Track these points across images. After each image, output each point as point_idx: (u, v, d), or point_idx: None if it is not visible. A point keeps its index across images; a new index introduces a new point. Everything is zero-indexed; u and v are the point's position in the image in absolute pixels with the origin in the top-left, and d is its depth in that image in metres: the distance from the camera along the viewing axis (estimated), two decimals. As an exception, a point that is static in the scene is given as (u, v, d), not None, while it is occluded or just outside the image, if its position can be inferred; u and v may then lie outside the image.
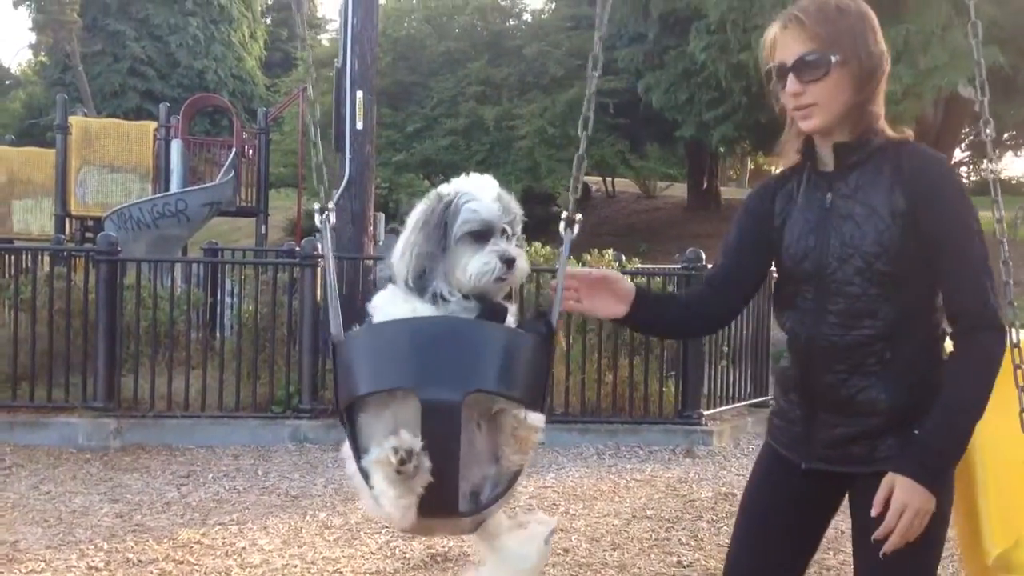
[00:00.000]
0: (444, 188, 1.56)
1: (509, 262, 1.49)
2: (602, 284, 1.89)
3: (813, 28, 1.76)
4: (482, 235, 1.49)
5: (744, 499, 2.01)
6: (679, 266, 6.97)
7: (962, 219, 1.73)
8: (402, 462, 1.35)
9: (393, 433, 1.38)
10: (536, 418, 1.50)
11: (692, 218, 21.39)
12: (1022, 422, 1.91)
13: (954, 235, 1.72)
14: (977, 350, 1.71)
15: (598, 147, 18.84)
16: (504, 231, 1.52)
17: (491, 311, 1.52)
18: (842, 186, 1.80)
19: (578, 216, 1.80)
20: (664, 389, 6.63)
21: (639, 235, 19.66)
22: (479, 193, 1.51)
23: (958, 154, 23.94)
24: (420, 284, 1.50)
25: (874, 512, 1.69)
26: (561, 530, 4.49)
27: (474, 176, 1.59)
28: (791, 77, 1.78)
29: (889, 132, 1.82)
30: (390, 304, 1.50)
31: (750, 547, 1.95)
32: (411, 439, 1.37)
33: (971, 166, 30.23)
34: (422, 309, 1.47)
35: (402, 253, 1.52)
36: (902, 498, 1.67)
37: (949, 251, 1.72)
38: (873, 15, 1.82)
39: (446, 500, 1.42)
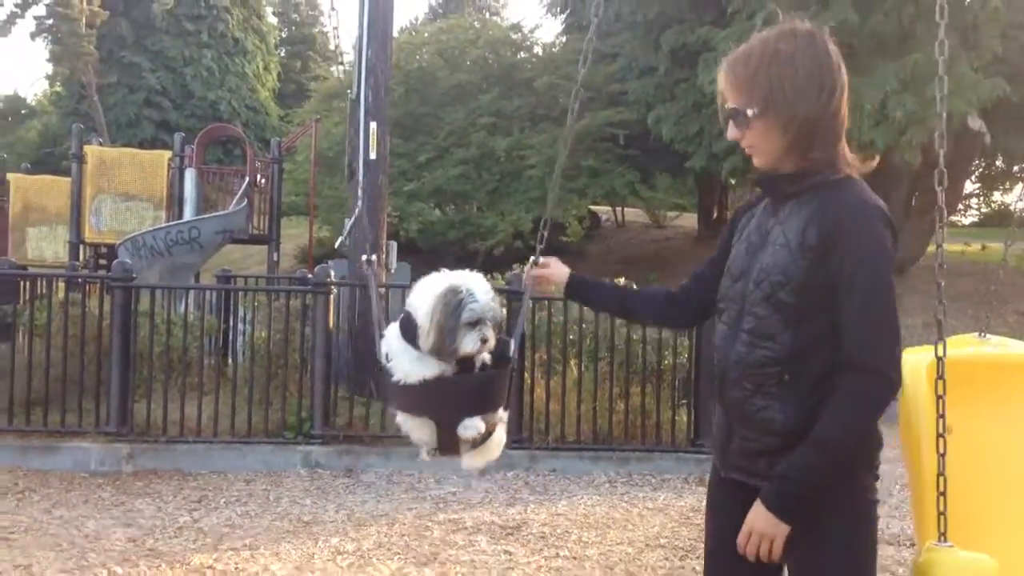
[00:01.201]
0: (456, 281, 2.16)
1: (485, 341, 2.14)
2: (544, 276, 2.36)
3: (735, 80, 1.89)
4: (476, 323, 2.12)
5: (706, 502, 2.13)
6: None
7: (865, 262, 1.76)
8: (432, 455, 2.24)
9: (423, 432, 2.23)
10: (499, 417, 2.21)
11: (702, 248, 21.40)
12: (938, 429, 2.03)
13: (853, 276, 1.76)
14: (846, 391, 1.75)
15: (608, 177, 18.91)
16: (489, 322, 2.15)
17: (465, 367, 2.19)
18: (781, 213, 1.90)
19: (539, 259, 2.37)
20: (676, 418, 6.62)
21: (649, 264, 19.67)
22: (479, 294, 2.14)
23: (968, 186, 23.94)
24: (436, 348, 2.14)
25: (742, 531, 1.83)
26: (574, 558, 4.47)
27: (473, 275, 2.19)
28: (729, 124, 1.92)
29: (845, 170, 1.87)
30: (415, 364, 2.18)
31: (713, 553, 2.05)
32: (434, 442, 2.22)
33: (981, 198, 30.21)
34: (431, 367, 2.16)
35: (429, 320, 2.14)
36: (751, 521, 1.81)
37: (846, 291, 1.76)
38: (810, 51, 1.85)
39: (453, 452, 2.23)
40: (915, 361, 2.56)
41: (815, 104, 1.84)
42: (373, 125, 8.08)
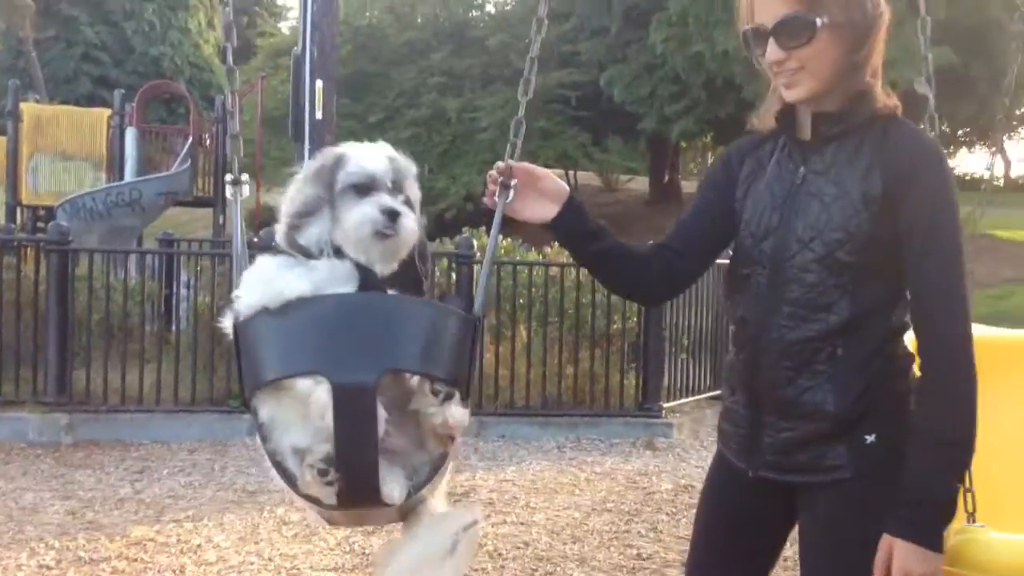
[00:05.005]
0: (335, 148, 1.56)
1: (391, 214, 1.42)
2: (529, 182, 1.71)
3: None
4: (366, 188, 1.44)
5: (698, 510, 1.85)
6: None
7: (943, 213, 1.55)
8: (323, 473, 1.35)
9: (303, 428, 1.37)
10: (459, 415, 1.43)
11: (653, 211, 21.52)
12: None
13: (932, 229, 1.54)
14: (950, 375, 1.52)
15: (560, 139, 18.86)
16: (393, 188, 1.46)
17: (370, 283, 1.43)
18: (817, 160, 1.61)
19: (513, 181, 1.69)
20: (625, 382, 6.66)
21: (600, 228, 19.74)
22: (367, 151, 1.50)
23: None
24: (302, 234, 1.45)
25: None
26: (521, 523, 4.49)
27: (368, 143, 1.57)
28: (771, 42, 1.58)
29: (883, 100, 1.63)
30: (273, 272, 1.44)
31: (704, 564, 1.81)
32: (323, 448, 1.34)
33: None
34: (300, 274, 1.42)
35: (288, 200, 1.49)
36: (902, 567, 1.50)
37: (923, 246, 1.53)
38: None
39: (367, 488, 1.36)
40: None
41: (881, 21, 1.59)
42: (319, 83, 7.91)
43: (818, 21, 1.54)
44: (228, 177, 1.76)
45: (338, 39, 9.30)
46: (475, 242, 6.62)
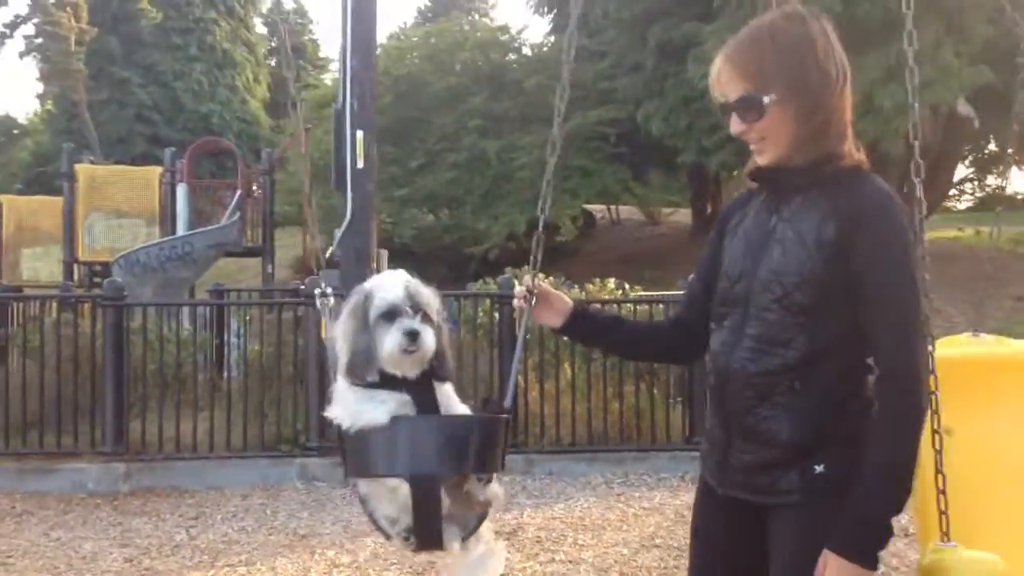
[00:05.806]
0: (365, 283, 1.92)
1: (411, 335, 1.78)
2: (544, 294, 2.03)
3: (745, 68, 1.73)
4: (391, 315, 1.80)
5: (691, 524, 1.97)
6: (682, 292, 6.99)
7: (892, 258, 1.65)
8: (406, 538, 1.85)
9: (392, 505, 1.84)
10: (494, 491, 1.88)
11: (697, 243, 21.40)
12: (933, 425, 1.85)
13: (881, 275, 1.65)
14: (898, 404, 1.63)
15: (600, 176, 18.92)
16: (412, 312, 1.81)
17: (425, 404, 1.84)
18: (785, 209, 1.76)
19: (536, 289, 2.00)
20: (671, 416, 6.62)
21: (644, 261, 19.66)
22: (388, 284, 1.85)
23: (962, 170, 24.00)
24: (351, 368, 1.82)
25: None
26: (569, 561, 4.48)
27: (389, 272, 1.93)
28: (733, 116, 1.76)
29: (853, 157, 1.75)
30: (355, 403, 1.83)
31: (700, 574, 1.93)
32: (406, 519, 1.82)
33: (975, 182, 30.26)
34: (384, 403, 1.80)
35: (342, 337, 1.85)
36: None
37: (874, 291, 1.65)
38: (823, 34, 1.74)
39: (434, 543, 1.85)
40: None
41: (834, 88, 1.72)
42: (359, 134, 8.07)
43: (765, 99, 1.71)
44: (317, 291, 2.20)
45: (377, 90, 9.53)
46: (516, 281, 6.69)
